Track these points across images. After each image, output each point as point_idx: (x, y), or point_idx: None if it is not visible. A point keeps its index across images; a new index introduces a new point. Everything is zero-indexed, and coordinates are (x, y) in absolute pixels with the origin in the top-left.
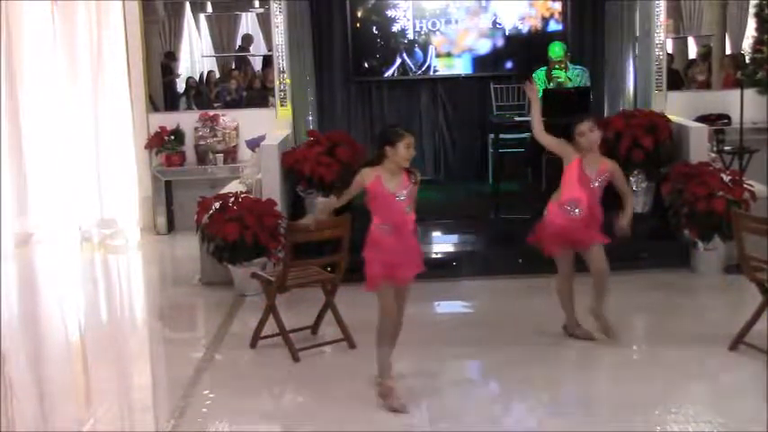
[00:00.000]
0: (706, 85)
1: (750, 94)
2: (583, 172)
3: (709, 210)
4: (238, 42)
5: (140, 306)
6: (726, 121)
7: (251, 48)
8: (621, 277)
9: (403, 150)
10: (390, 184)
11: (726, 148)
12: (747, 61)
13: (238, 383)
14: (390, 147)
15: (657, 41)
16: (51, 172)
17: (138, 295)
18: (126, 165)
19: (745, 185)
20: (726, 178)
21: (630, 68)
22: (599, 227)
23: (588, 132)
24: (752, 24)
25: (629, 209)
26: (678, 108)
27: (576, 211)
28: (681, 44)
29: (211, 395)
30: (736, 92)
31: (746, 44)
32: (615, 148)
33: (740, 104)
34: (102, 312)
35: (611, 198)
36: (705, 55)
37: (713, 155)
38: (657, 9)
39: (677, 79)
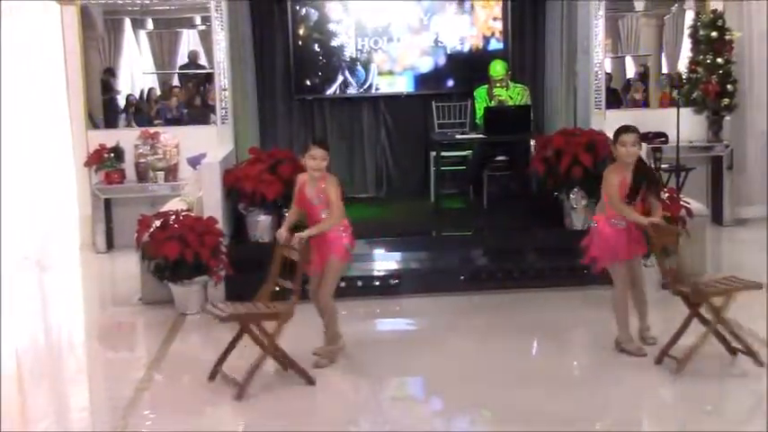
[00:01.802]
0: (643, 105)
1: (686, 113)
2: (627, 188)
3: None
4: (180, 59)
5: (79, 326)
6: (663, 139)
7: (199, 62)
8: (564, 293)
9: (307, 161)
10: (309, 189)
11: (663, 165)
12: (684, 81)
13: (179, 403)
14: (304, 157)
15: (596, 61)
16: None
17: (77, 314)
18: (65, 182)
19: (682, 202)
20: (663, 196)
21: (570, 87)
22: (640, 238)
23: (630, 145)
24: (687, 45)
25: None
26: (617, 126)
27: (623, 223)
28: (619, 64)
29: (152, 415)
30: (673, 110)
31: (682, 64)
32: (555, 165)
33: (677, 123)
34: (39, 332)
35: None
36: (643, 75)
37: None
38: (596, 29)
39: (616, 98)
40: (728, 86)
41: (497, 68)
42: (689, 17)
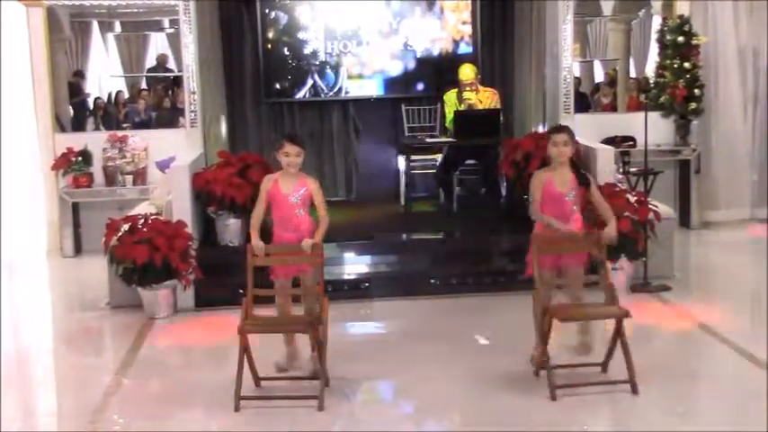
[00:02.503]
0: (611, 108)
1: (654, 116)
2: (554, 188)
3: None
4: (148, 62)
5: (47, 330)
6: (631, 143)
7: (168, 66)
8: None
9: (281, 157)
10: (285, 187)
11: (631, 169)
12: (651, 85)
13: (148, 408)
14: (276, 155)
15: (565, 65)
16: None
17: (45, 319)
18: (31, 186)
19: (650, 206)
20: (632, 199)
21: (539, 91)
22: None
23: (561, 145)
24: (654, 49)
25: (613, 222)
26: (585, 130)
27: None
28: (588, 68)
29: (120, 420)
30: (641, 114)
31: (650, 69)
32: (525, 169)
33: (644, 127)
34: (6, 337)
35: None
36: (612, 80)
37: (619, 176)
38: (565, 33)
39: (584, 102)
40: (695, 90)
41: (467, 72)
42: (656, 22)
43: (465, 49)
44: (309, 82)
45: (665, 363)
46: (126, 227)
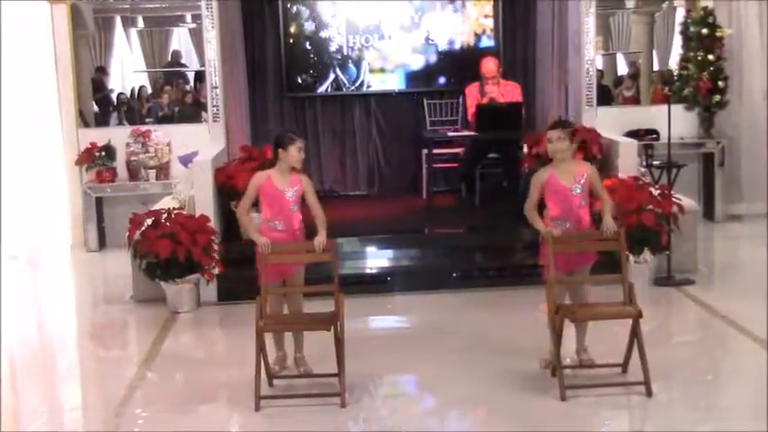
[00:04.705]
0: (634, 101)
1: (677, 109)
2: (559, 183)
3: (639, 223)
4: (169, 58)
5: (71, 324)
6: (654, 136)
7: (181, 62)
8: None
9: (294, 153)
10: (280, 183)
11: (654, 162)
12: (675, 77)
13: (171, 402)
14: (283, 150)
15: (587, 58)
16: None
17: (69, 313)
18: (55, 181)
19: (673, 199)
20: (655, 192)
21: (562, 84)
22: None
23: (555, 141)
24: (678, 42)
25: (608, 214)
26: (608, 123)
27: (567, 225)
28: (610, 61)
29: (144, 413)
30: (664, 107)
31: (673, 61)
32: (547, 162)
33: (668, 120)
34: (31, 331)
35: None
36: (635, 72)
37: (642, 169)
38: (587, 26)
39: (607, 95)
40: (720, 83)
41: (489, 66)
42: (679, 14)
43: (487, 42)
44: (331, 76)
45: (687, 357)
46: (149, 221)
